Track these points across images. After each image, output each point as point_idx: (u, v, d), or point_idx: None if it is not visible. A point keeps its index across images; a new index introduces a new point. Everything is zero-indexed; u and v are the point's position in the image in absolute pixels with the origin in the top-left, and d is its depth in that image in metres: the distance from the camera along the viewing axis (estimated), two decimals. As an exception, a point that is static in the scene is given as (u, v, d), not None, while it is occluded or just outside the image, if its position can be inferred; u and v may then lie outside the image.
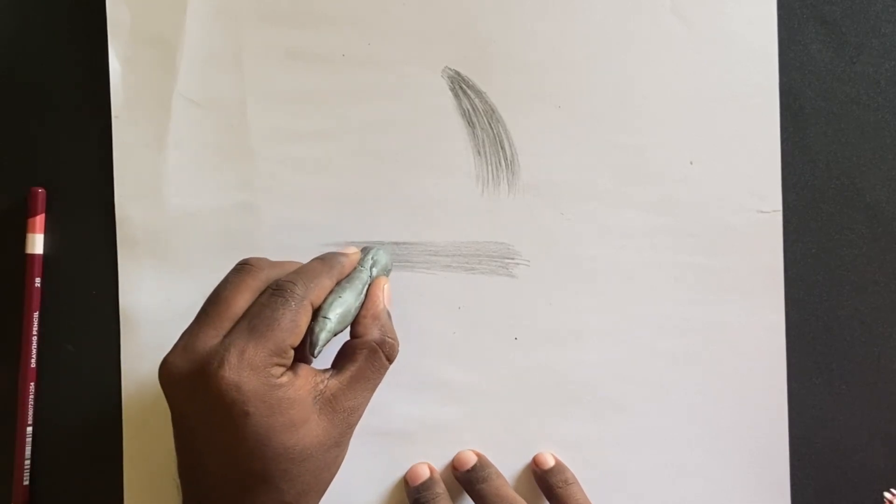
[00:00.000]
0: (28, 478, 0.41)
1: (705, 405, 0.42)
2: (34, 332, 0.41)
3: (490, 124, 0.42)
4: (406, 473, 0.41)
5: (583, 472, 0.41)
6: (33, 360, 0.41)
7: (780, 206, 0.42)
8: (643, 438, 0.42)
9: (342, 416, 0.33)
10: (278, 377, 0.32)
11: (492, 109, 0.42)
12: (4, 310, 0.42)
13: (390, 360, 0.35)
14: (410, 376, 0.42)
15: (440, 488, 0.40)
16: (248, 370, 0.31)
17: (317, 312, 0.34)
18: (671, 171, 0.42)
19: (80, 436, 0.42)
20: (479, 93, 0.42)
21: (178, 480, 0.34)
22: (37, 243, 0.41)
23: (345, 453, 0.35)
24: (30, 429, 0.41)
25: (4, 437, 0.41)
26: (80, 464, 0.42)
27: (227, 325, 0.33)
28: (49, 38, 0.42)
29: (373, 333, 0.35)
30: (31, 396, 0.41)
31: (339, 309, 0.34)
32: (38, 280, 0.41)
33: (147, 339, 0.41)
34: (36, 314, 0.41)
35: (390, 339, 0.35)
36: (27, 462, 0.41)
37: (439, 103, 0.42)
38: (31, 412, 0.41)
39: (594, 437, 0.42)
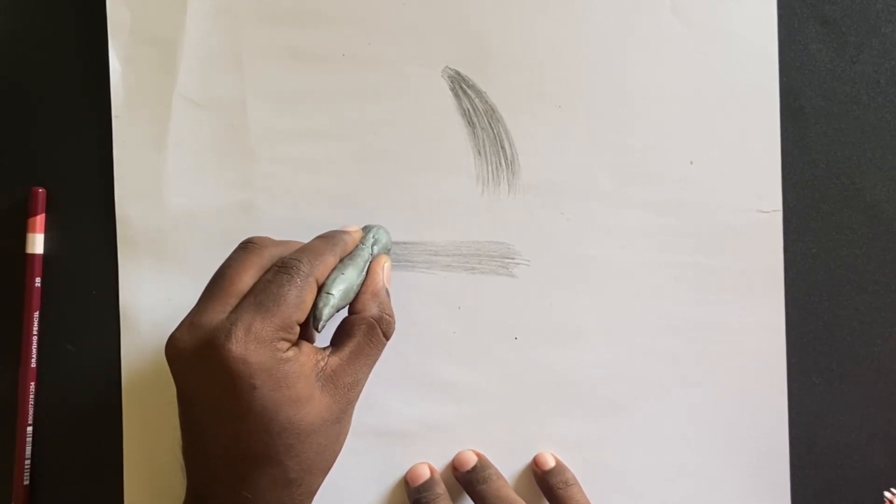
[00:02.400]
0: (28, 478, 0.41)
1: (705, 405, 0.42)
2: (34, 332, 0.41)
3: (490, 124, 0.42)
4: (406, 473, 0.41)
5: (583, 472, 0.41)
6: (33, 360, 0.41)
7: (780, 206, 0.42)
8: (643, 438, 0.42)
9: (343, 391, 0.34)
10: (284, 351, 0.32)
11: (492, 109, 0.42)
12: (4, 310, 0.42)
13: (387, 337, 0.36)
14: (410, 376, 0.42)
15: (440, 489, 0.40)
16: (254, 344, 0.31)
17: (320, 288, 0.34)
18: (671, 171, 0.42)
19: (80, 436, 0.42)
20: (479, 93, 0.42)
21: (182, 462, 0.34)
22: (37, 243, 0.41)
23: (346, 432, 0.35)
24: (30, 429, 0.41)
25: (4, 437, 0.41)
26: (80, 464, 0.42)
27: (233, 301, 0.33)
28: (49, 38, 0.42)
29: (371, 310, 0.36)
30: (31, 396, 0.41)
31: (342, 285, 0.35)
32: (38, 280, 0.41)
33: (147, 339, 0.41)
34: (36, 314, 0.41)
35: (387, 316, 0.36)
36: (27, 462, 0.41)
37: (439, 103, 0.42)
38: (31, 412, 0.41)
39: (594, 437, 0.42)
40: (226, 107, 0.42)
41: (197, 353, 0.32)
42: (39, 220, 0.41)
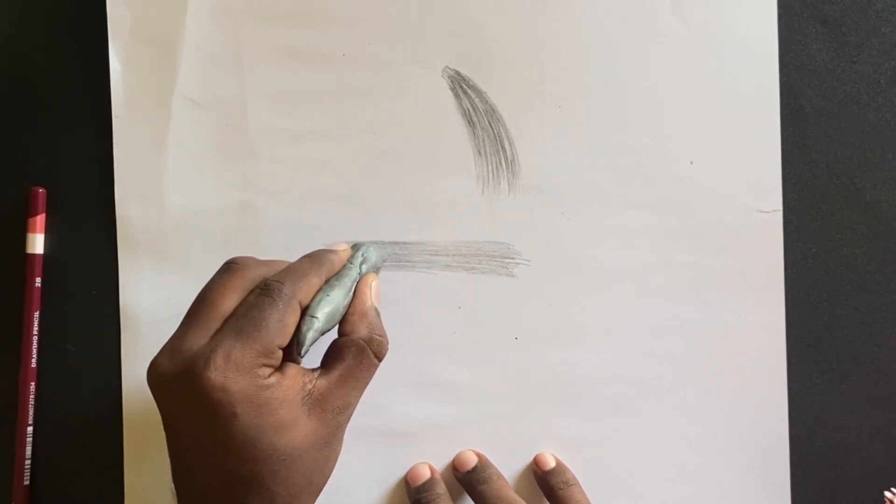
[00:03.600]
0: (28, 478, 0.41)
1: (705, 405, 0.42)
2: (34, 332, 0.41)
3: (490, 124, 0.42)
4: (406, 474, 0.41)
5: (583, 472, 0.41)
6: (33, 360, 0.41)
7: (780, 206, 0.42)
8: (643, 438, 0.42)
9: (331, 415, 0.33)
10: (266, 378, 0.31)
11: (492, 109, 0.42)
12: (4, 310, 0.42)
13: (379, 358, 0.35)
14: (410, 376, 0.42)
15: (441, 489, 0.40)
16: (234, 371, 0.30)
17: (304, 311, 0.33)
18: (671, 171, 0.42)
19: (80, 436, 0.42)
20: (479, 92, 0.42)
21: (172, 487, 0.34)
22: (37, 243, 0.41)
23: (337, 454, 0.35)
24: (30, 429, 0.41)
25: (4, 437, 0.41)
26: (80, 464, 0.42)
27: (215, 325, 0.32)
28: (49, 38, 0.42)
29: (360, 331, 0.35)
30: (31, 396, 0.41)
31: (327, 308, 0.34)
32: (38, 280, 0.41)
33: (147, 339, 0.41)
34: (36, 314, 0.41)
35: (378, 337, 0.35)
36: (27, 462, 0.41)
37: (439, 103, 0.42)
38: (31, 412, 0.41)
39: (594, 437, 0.42)
40: (226, 107, 0.42)
41: (178, 380, 0.31)
42: (39, 220, 0.41)
